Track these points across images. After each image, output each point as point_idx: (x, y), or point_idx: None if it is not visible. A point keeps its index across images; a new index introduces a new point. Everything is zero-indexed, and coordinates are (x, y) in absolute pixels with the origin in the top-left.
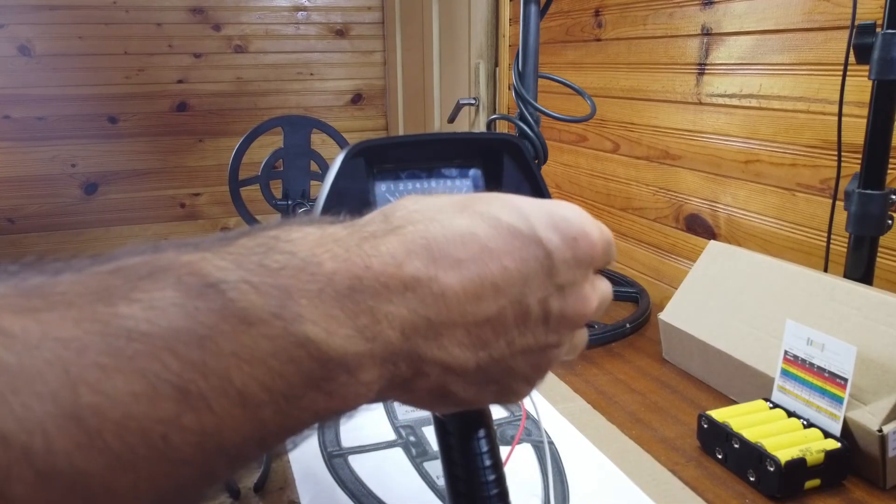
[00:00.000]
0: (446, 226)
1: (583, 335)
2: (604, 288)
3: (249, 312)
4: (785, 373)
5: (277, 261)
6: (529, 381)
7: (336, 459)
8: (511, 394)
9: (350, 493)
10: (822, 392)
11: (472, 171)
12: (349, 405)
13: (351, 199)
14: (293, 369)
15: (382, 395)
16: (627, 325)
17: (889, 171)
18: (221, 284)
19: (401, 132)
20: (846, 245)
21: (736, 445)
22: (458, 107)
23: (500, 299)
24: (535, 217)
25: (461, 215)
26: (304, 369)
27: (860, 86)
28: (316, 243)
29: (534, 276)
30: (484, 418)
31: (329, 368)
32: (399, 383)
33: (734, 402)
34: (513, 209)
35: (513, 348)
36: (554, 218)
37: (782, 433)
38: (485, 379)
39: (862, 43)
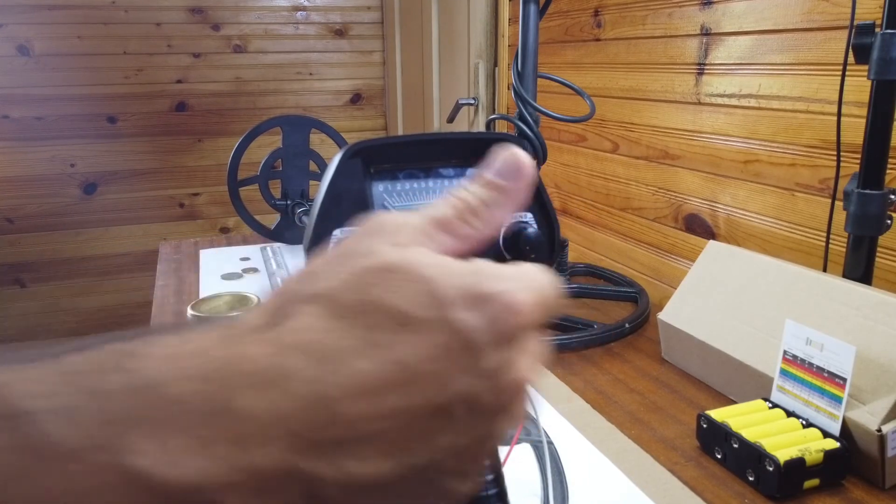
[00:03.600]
0: (341, 372)
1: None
2: (537, 348)
3: (63, 445)
4: (784, 373)
5: (112, 382)
6: (464, 476)
7: None
8: (446, 495)
9: None
10: (822, 392)
11: (470, 171)
12: None
13: (348, 200)
14: None
15: None
16: (627, 325)
17: (888, 171)
18: (29, 415)
19: (400, 132)
20: (845, 245)
21: (735, 445)
22: (458, 107)
23: (406, 401)
24: (449, 297)
25: (361, 353)
26: None
27: (859, 86)
28: (170, 358)
29: (448, 371)
30: None
31: None
32: None
33: (733, 402)
34: (421, 291)
35: (437, 452)
36: (472, 293)
37: (781, 433)
38: (403, 489)
39: (861, 43)
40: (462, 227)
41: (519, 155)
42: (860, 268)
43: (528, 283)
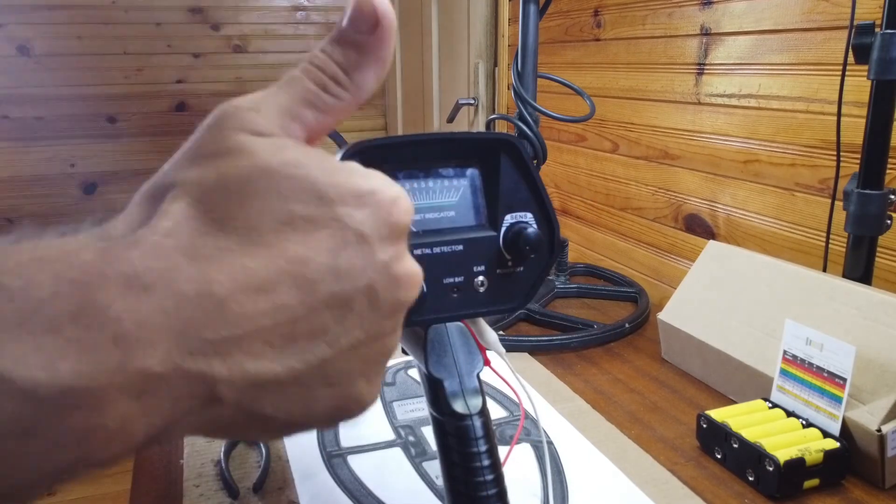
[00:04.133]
0: (226, 270)
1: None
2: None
3: None
4: (784, 372)
5: None
6: (369, 378)
7: (335, 459)
8: (353, 400)
9: (349, 493)
10: (821, 392)
11: (469, 171)
12: (100, 452)
13: None
14: None
15: (163, 433)
16: (626, 325)
17: (888, 171)
18: None
19: (400, 132)
20: (845, 245)
21: (735, 445)
22: (458, 107)
23: (303, 296)
24: (335, 196)
25: (245, 252)
26: (4, 414)
27: (859, 86)
28: (27, 262)
29: (348, 264)
30: (483, 417)
31: (46, 411)
32: (183, 415)
33: (733, 402)
34: (305, 192)
35: (337, 347)
36: (353, 190)
37: (781, 433)
38: (306, 391)
39: (861, 43)
40: (325, 99)
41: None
42: (860, 268)
43: (392, 182)
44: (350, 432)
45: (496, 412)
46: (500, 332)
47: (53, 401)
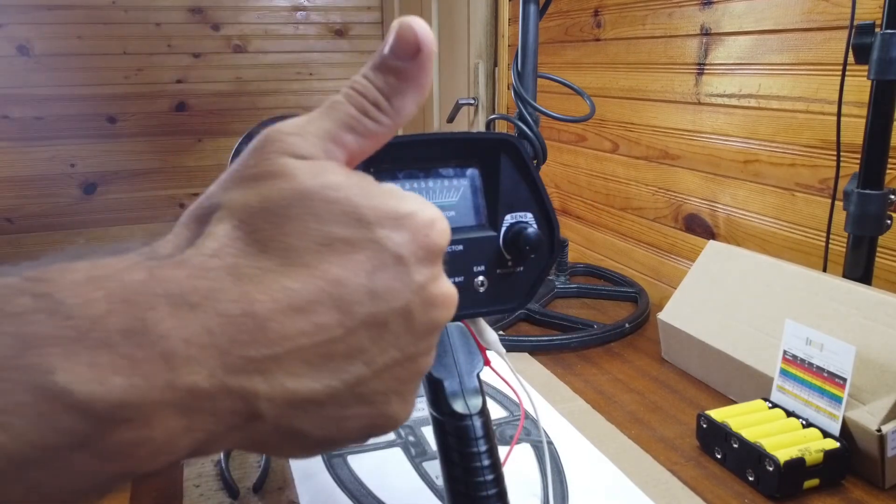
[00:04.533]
0: (267, 290)
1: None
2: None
3: None
4: (784, 372)
5: (20, 304)
6: (403, 397)
7: (335, 459)
8: (387, 418)
9: (349, 493)
10: (821, 392)
11: (469, 171)
12: (146, 465)
13: None
14: (45, 427)
15: (205, 446)
16: (627, 325)
17: (888, 171)
18: None
19: (399, 132)
20: (845, 245)
21: (735, 445)
22: (458, 107)
23: (341, 316)
24: (373, 218)
25: (285, 273)
26: (61, 427)
27: (859, 86)
28: (83, 281)
29: (384, 286)
30: (483, 417)
31: (100, 424)
32: (225, 430)
33: (733, 402)
34: (344, 214)
35: (374, 367)
36: (391, 213)
37: (781, 433)
38: (342, 409)
39: (861, 43)
40: (366, 124)
41: (414, 27)
42: (860, 268)
43: (429, 204)
44: None
45: (496, 412)
46: (500, 332)
47: (106, 414)
